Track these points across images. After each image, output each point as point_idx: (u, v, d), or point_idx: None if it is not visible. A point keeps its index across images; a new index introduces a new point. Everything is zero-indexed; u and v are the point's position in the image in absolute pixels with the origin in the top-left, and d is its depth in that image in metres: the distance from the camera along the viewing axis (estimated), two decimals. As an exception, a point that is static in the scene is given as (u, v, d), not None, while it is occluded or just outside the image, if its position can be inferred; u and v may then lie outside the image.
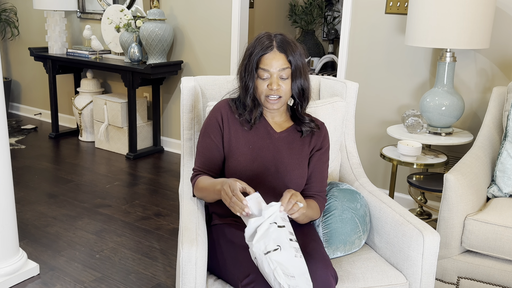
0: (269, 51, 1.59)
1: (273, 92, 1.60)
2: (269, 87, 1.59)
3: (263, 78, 1.60)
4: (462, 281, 2.08)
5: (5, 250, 2.28)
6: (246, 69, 1.62)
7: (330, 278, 1.45)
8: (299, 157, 1.69)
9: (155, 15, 3.92)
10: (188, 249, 1.45)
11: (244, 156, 1.66)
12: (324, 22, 5.25)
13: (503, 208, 2.08)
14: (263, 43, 1.60)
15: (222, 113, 1.69)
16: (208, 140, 1.69)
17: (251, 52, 1.61)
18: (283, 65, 1.59)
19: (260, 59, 1.59)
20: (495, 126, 2.52)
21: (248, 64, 1.61)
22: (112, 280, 2.37)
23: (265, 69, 1.59)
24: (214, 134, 1.69)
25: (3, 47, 5.48)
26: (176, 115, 4.35)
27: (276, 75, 1.59)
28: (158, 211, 3.15)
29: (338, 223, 1.73)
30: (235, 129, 1.69)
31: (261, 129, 1.70)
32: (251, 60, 1.60)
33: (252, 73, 1.61)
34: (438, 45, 2.51)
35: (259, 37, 1.63)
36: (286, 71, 1.60)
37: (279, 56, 1.59)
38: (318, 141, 1.73)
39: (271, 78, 1.60)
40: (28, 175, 3.71)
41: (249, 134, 1.69)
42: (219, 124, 1.69)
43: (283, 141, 1.70)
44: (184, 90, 1.91)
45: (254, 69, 1.60)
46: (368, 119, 3.34)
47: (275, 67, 1.59)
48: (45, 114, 5.34)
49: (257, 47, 1.60)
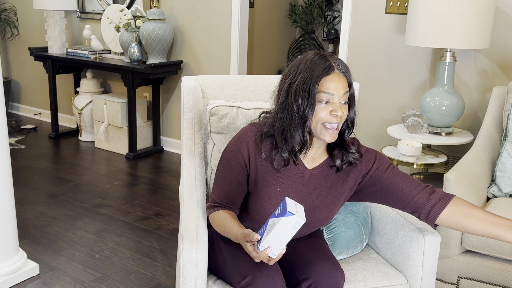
0: (331, 72, 1.37)
1: (337, 119, 1.38)
2: (333, 113, 1.37)
3: (323, 103, 1.38)
4: (462, 281, 2.08)
5: (5, 250, 2.27)
6: (303, 95, 1.37)
7: (340, 279, 1.45)
8: (330, 198, 1.52)
9: (155, 15, 3.92)
10: (188, 249, 1.45)
11: (269, 199, 1.49)
12: (324, 22, 5.25)
13: (503, 208, 2.08)
14: (322, 64, 1.38)
15: (250, 151, 1.47)
16: (230, 175, 1.51)
17: (308, 74, 1.37)
18: (346, 88, 1.40)
19: (322, 82, 1.37)
20: (495, 126, 2.51)
21: (305, 88, 1.36)
22: (112, 280, 2.37)
23: (328, 92, 1.36)
24: (238, 172, 1.50)
25: (3, 47, 5.48)
26: (176, 115, 4.35)
27: (338, 99, 1.38)
28: (158, 211, 3.15)
29: (341, 227, 1.73)
30: (263, 170, 1.48)
31: (292, 168, 1.49)
32: (309, 83, 1.36)
33: (312, 99, 1.36)
34: (438, 45, 2.51)
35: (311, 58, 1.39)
36: (346, 95, 1.40)
37: (342, 78, 1.40)
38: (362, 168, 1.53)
39: (333, 104, 1.38)
40: (28, 175, 3.71)
41: (277, 173, 1.49)
42: (245, 164, 1.48)
43: (314, 181, 1.51)
44: (185, 90, 1.91)
45: (315, 94, 1.36)
46: (368, 119, 3.34)
47: (340, 90, 1.37)
48: (45, 114, 5.34)
49: (315, 68, 1.37)
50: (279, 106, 1.45)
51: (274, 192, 1.49)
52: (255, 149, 1.48)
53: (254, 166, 1.49)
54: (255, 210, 1.52)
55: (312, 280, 1.43)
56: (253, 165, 1.48)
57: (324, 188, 1.52)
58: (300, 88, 1.38)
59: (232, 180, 1.52)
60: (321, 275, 1.43)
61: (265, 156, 1.47)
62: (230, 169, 1.51)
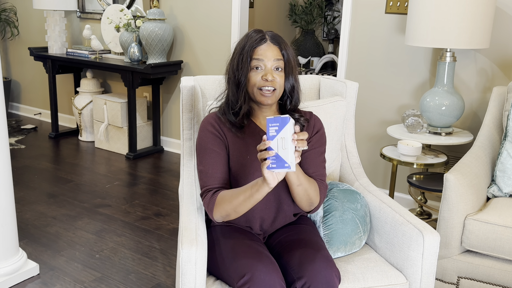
0: (263, 42, 1.55)
1: (268, 83, 1.53)
2: (264, 78, 1.53)
3: (256, 70, 1.54)
4: (462, 281, 2.08)
5: (5, 250, 2.27)
6: (238, 64, 1.56)
7: (334, 278, 1.45)
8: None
9: (155, 15, 3.92)
10: (188, 249, 1.45)
11: (243, 168, 1.59)
12: (324, 22, 5.25)
13: (503, 208, 2.08)
14: (255, 36, 1.55)
15: (215, 126, 1.61)
16: (215, 154, 1.58)
17: (243, 46, 1.55)
18: (278, 55, 1.55)
19: (254, 51, 1.54)
20: (495, 126, 2.51)
21: (240, 58, 1.55)
22: (112, 280, 2.37)
23: (259, 59, 1.53)
24: (218, 146, 1.59)
25: (3, 47, 5.48)
26: (176, 115, 4.35)
27: (270, 65, 1.54)
28: (158, 211, 3.15)
29: (339, 224, 1.73)
30: (232, 141, 1.61)
31: (255, 135, 1.63)
32: (243, 53, 1.54)
33: (245, 67, 1.54)
34: (438, 45, 2.51)
35: (248, 33, 1.58)
36: (280, 63, 1.55)
37: (273, 47, 1.55)
38: (309, 131, 1.67)
39: (265, 69, 1.54)
40: (28, 175, 3.71)
41: (243, 142, 1.61)
42: (219, 135, 1.60)
43: None
44: (184, 90, 1.91)
45: (247, 61, 1.54)
46: (368, 119, 3.34)
47: (269, 57, 1.53)
48: (45, 114, 5.34)
49: (249, 40, 1.55)
50: (226, 82, 1.62)
51: (245, 160, 1.59)
52: (218, 123, 1.62)
53: (224, 136, 1.61)
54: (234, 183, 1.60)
55: (306, 279, 1.43)
56: (223, 135, 1.60)
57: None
58: (236, 58, 1.57)
59: (219, 159, 1.59)
60: (315, 273, 1.43)
61: (228, 126, 1.60)
62: (211, 150, 1.59)
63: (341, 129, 2.02)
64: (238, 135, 1.61)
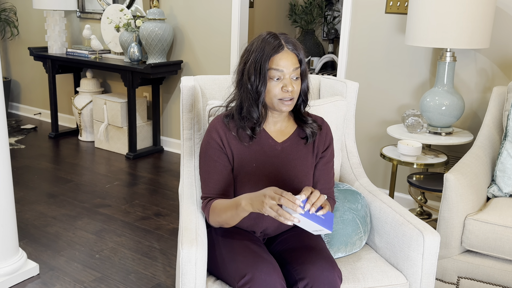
0: (280, 50, 1.48)
1: (288, 94, 1.49)
2: (284, 89, 1.49)
3: (275, 80, 1.49)
4: (462, 281, 2.08)
5: (5, 250, 2.27)
6: (255, 74, 1.49)
7: (336, 279, 1.45)
8: (304, 168, 1.62)
9: (155, 14, 3.92)
10: (188, 249, 1.45)
11: (248, 176, 1.57)
12: (324, 22, 5.25)
13: (503, 208, 2.08)
14: (272, 43, 1.49)
15: (220, 134, 1.57)
16: (213, 164, 1.57)
17: (259, 53, 1.48)
18: (295, 64, 1.50)
19: (272, 60, 1.48)
20: (495, 126, 2.51)
21: (258, 67, 1.48)
22: (112, 280, 2.37)
23: (278, 69, 1.48)
24: (219, 156, 1.57)
25: (3, 47, 5.48)
26: (176, 115, 4.35)
27: (289, 75, 1.50)
28: (158, 211, 3.15)
29: (339, 224, 1.73)
30: (237, 149, 1.58)
31: (262, 142, 1.59)
32: (261, 61, 1.47)
33: (264, 77, 1.48)
34: (438, 44, 2.51)
35: (263, 37, 1.51)
36: (297, 72, 1.51)
37: (291, 55, 1.50)
38: (321, 143, 1.65)
39: (284, 80, 1.49)
40: (28, 175, 3.71)
41: (250, 150, 1.58)
42: (221, 146, 1.57)
43: (287, 153, 1.61)
44: (184, 90, 1.91)
45: (266, 71, 1.48)
46: (368, 119, 3.34)
47: (288, 67, 1.48)
48: (44, 114, 5.34)
49: (266, 46, 1.48)
50: (237, 85, 1.57)
51: (251, 168, 1.57)
52: (224, 130, 1.58)
53: (228, 146, 1.57)
54: (238, 190, 1.58)
55: (308, 280, 1.43)
56: (227, 145, 1.57)
57: (297, 159, 1.61)
58: (252, 66, 1.50)
59: (216, 168, 1.57)
60: (318, 274, 1.43)
61: (235, 134, 1.57)
62: (211, 158, 1.58)
63: (341, 129, 2.02)
64: (245, 144, 1.59)
